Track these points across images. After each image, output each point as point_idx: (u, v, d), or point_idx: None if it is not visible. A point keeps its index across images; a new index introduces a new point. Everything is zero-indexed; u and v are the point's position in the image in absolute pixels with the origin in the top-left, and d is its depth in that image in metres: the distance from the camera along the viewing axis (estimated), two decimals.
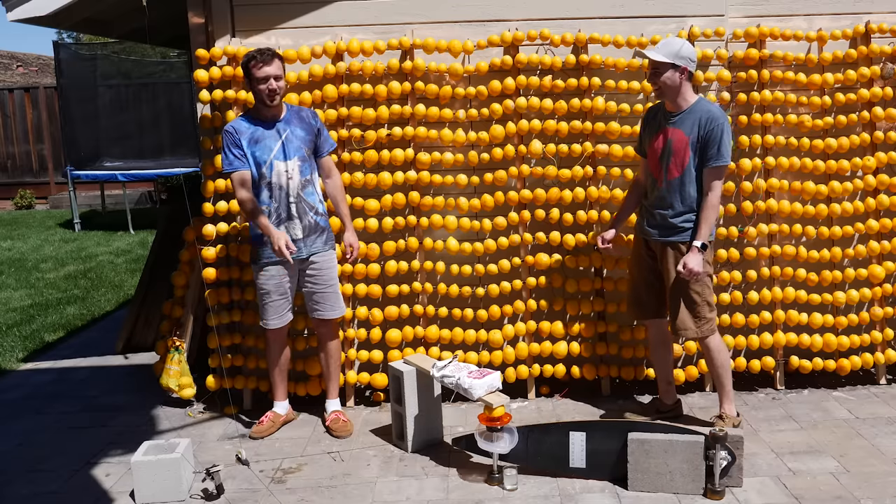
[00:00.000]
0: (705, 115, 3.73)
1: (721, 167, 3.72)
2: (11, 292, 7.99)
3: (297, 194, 3.98)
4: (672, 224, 3.81)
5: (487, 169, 4.43)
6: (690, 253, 3.73)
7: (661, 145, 3.84)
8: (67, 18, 4.94)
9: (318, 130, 4.09)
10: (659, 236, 3.87)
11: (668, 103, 3.84)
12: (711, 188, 3.72)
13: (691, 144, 3.74)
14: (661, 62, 3.71)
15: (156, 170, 12.15)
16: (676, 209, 3.80)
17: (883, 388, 4.51)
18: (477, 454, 3.72)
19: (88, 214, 13.37)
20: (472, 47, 4.39)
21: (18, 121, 15.45)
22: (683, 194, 3.78)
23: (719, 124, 3.69)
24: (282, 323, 4.10)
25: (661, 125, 3.86)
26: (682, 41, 3.79)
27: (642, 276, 4.04)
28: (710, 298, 3.86)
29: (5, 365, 5.61)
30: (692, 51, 3.78)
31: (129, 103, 13.45)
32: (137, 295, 5.69)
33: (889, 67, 4.46)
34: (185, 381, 4.46)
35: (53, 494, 3.63)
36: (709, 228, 3.73)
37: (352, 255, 4.15)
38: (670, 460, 3.37)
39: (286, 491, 3.56)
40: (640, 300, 4.08)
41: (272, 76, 3.87)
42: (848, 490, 3.36)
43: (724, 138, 3.69)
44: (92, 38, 17.37)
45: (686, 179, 3.77)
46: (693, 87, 3.92)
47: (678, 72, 3.73)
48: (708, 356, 3.94)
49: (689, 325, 3.84)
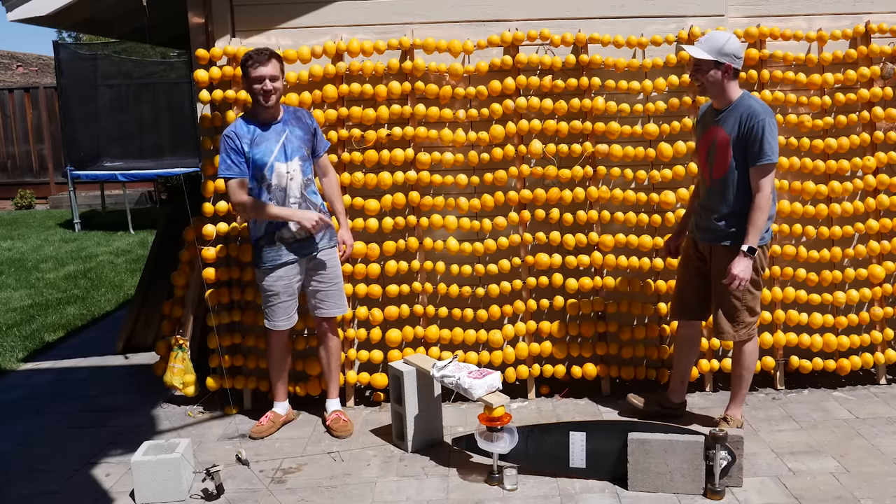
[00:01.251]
0: (746, 111, 3.61)
1: (766, 165, 3.56)
2: (11, 292, 7.99)
3: (300, 194, 3.97)
4: (717, 227, 3.73)
5: (487, 169, 4.43)
6: (737, 258, 3.61)
7: (706, 145, 3.77)
8: (67, 18, 4.94)
9: (315, 130, 4.09)
10: (705, 238, 3.81)
11: (714, 101, 3.76)
12: (759, 188, 3.58)
13: (732, 143, 3.62)
14: (704, 59, 3.60)
15: (156, 170, 12.15)
16: (721, 211, 3.71)
17: (883, 388, 4.51)
18: (477, 454, 3.72)
19: (88, 214, 13.37)
20: (472, 47, 4.39)
21: (18, 121, 15.45)
22: (727, 196, 3.68)
23: (760, 121, 3.55)
24: (290, 324, 4.11)
25: (708, 124, 3.79)
26: (727, 35, 3.65)
27: (688, 276, 3.98)
28: (752, 304, 3.75)
29: (5, 365, 5.61)
30: (738, 46, 3.64)
31: (129, 103, 13.46)
32: (137, 295, 5.69)
33: (889, 67, 4.46)
34: (188, 379, 4.46)
35: (53, 494, 3.63)
36: (757, 232, 3.58)
37: (345, 252, 4.17)
38: (670, 460, 3.37)
39: (286, 491, 3.56)
40: (684, 301, 4.01)
41: (267, 76, 3.83)
42: (848, 490, 3.36)
43: (766, 135, 3.54)
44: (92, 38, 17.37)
45: (729, 180, 3.66)
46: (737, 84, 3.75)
47: (720, 70, 3.61)
48: (738, 356, 3.89)
49: (727, 329, 3.79)
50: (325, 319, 4.16)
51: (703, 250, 3.88)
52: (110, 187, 13.84)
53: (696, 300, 3.96)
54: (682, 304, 4.03)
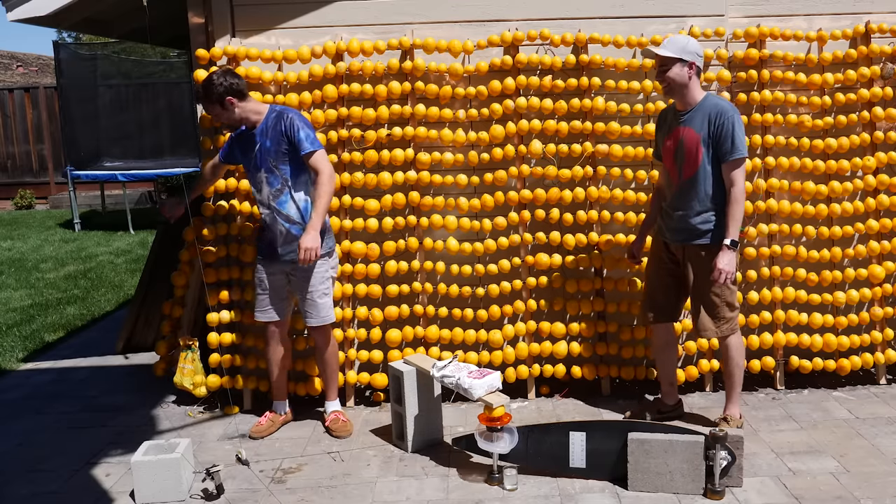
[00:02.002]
0: (714, 109, 3.68)
1: (738, 160, 3.65)
2: (11, 292, 7.99)
3: (268, 204, 4.00)
4: (691, 226, 3.76)
5: (487, 169, 4.43)
6: (721, 252, 3.65)
7: (673, 145, 3.80)
8: (67, 18, 4.94)
9: (289, 137, 3.87)
10: (679, 239, 3.83)
11: (678, 102, 3.81)
12: (733, 182, 3.65)
13: (703, 141, 3.69)
14: (668, 58, 3.68)
15: (156, 170, 12.15)
16: (694, 209, 3.74)
17: (883, 388, 4.51)
18: (477, 454, 3.72)
19: (88, 214, 13.37)
20: (472, 47, 4.39)
21: (18, 121, 15.46)
22: (700, 193, 3.72)
23: (729, 117, 3.64)
24: (265, 318, 4.12)
25: (673, 126, 3.83)
26: (687, 37, 3.78)
27: (660, 278, 4.00)
28: (731, 299, 3.80)
29: (5, 365, 5.61)
30: (699, 46, 3.75)
31: (129, 103, 13.46)
32: (137, 295, 5.69)
33: (889, 67, 4.46)
34: (198, 380, 4.45)
35: (53, 494, 3.63)
36: (736, 225, 3.65)
37: (301, 257, 3.79)
38: (670, 460, 3.36)
39: (286, 491, 3.56)
40: (655, 302, 4.03)
41: (211, 115, 4.02)
42: (848, 490, 3.36)
43: (736, 131, 3.64)
44: (92, 38, 17.38)
45: (701, 178, 3.71)
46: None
47: (686, 66, 3.69)
48: (725, 354, 3.90)
49: (709, 325, 3.81)
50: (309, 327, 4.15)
51: (675, 251, 3.90)
52: (110, 187, 13.84)
53: (667, 301, 3.99)
54: (653, 306, 4.04)
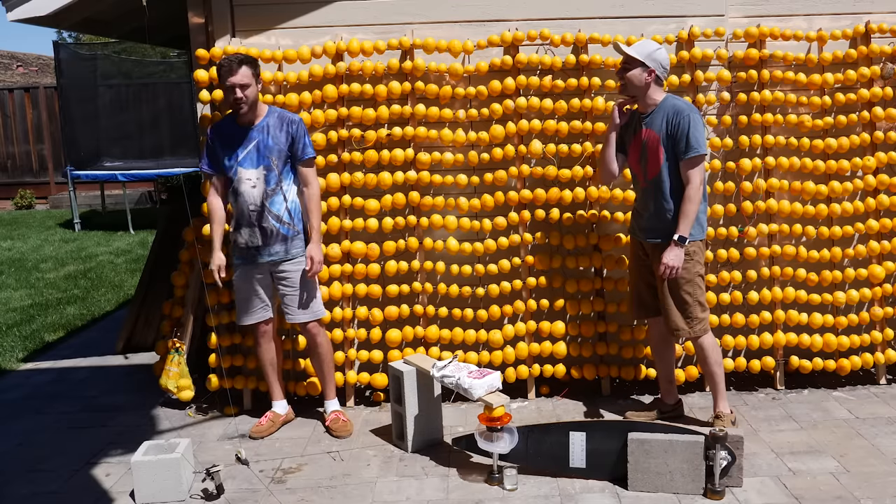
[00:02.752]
0: (671, 109, 3.76)
1: (694, 158, 3.70)
2: (11, 292, 7.99)
3: (260, 203, 3.94)
4: (658, 226, 3.82)
5: (487, 169, 4.43)
6: (668, 248, 3.72)
7: (638, 148, 3.88)
8: (67, 18, 4.94)
9: (294, 139, 3.95)
10: (646, 237, 3.90)
11: (639, 104, 3.88)
12: (688, 179, 3.72)
13: (662, 141, 3.76)
14: (633, 58, 3.76)
15: (156, 170, 12.15)
16: (660, 208, 3.80)
17: (883, 388, 4.51)
18: (477, 454, 3.72)
19: (88, 214, 13.37)
20: (472, 47, 4.39)
21: (18, 121, 15.46)
22: (664, 193, 3.78)
23: (685, 116, 3.70)
24: (252, 320, 4.11)
25: (637, 128, 3.90)
26: (658, 46, 3.85)
27: (641, 276, 4.04)
28: (701, 298, 3.85)
29: (5, 365, 5.61)
30: (666, 57, 3.83)
31: (129, 103, 13.46)
32: (137, 295, 5.69)
33: (889, 67, 4.46)
34: (183, 384, 4.45)
35: (53, 494, 3.63)
36: (688, 222, 3.70)
37: (311, 269, 3.98)
38: (670, 460, 3.36)
39: (286, 491, 3.56)
40: (641, 300, 4.08)
41: (237, 85, 3.82)
42: (848, 490, 3.36)
43: (692, 129, 3.69)
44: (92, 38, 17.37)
45: (663, 177, 3.78)
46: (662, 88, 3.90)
47: (646, 72, 3.76)
48: (701, 355, 3.94)
49: (681, 325, 3.84)
50: (297, 324, 4.15)
51: (647, 249, 3.95)
52: (110, 187, 13.85)
53: (651, 297, 4.02)
54: (640, 302, 4.09)
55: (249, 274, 4.05)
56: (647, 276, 4.01)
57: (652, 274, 3.97)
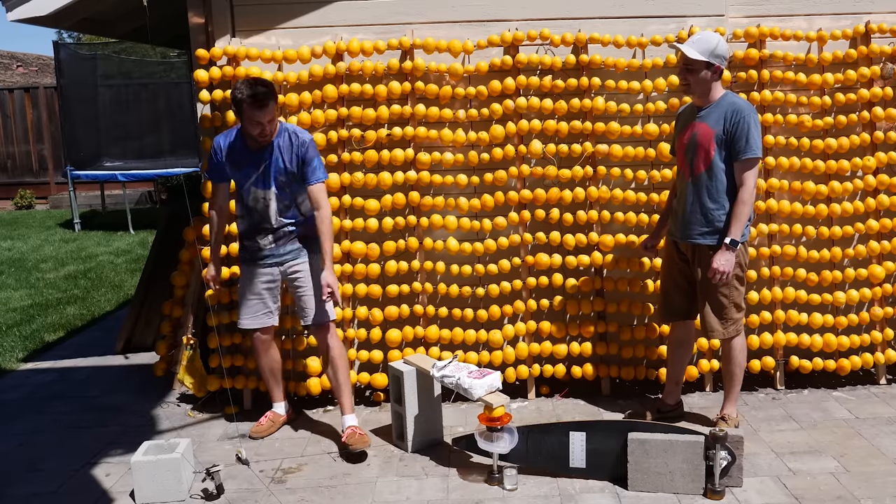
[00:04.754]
0: (731, 108, 3.66)
1: (751, 160, 3.62)
2: (11, 292, 7.99)
3: (274, 219, 3.90)
4: (700, 224, 3.73)
5: (487, 169, 4.43)
6: (719, 251, 3.64)
7: (686, 140, 3.79)
8: (67, 18, 4.94)
9: (303, 161, 3.83)
10: (687, 237, 3.81)
11: (696, 99, 3.80)
12: (743, 182, 3.63)
13: (716, 138, 3.66)
14: (696, 60, 3.65)
15: (156, 170, 12.15)
16: (703, 207, 3.71)
17: (883, 388, 4.51)
18: (477, 454, 3.72)
19: (88, 214, 13.37)
20: (472, 47, 4.39)
21: (18, 121, 15.46)
22: (710, 191, 3.69)
23: (745, 116, 3.62)
24: (255, 324, 4.05)
25: (689, 121, 3.82)
26: (718, 37, 3.70)
27: (672, 278, 3.99)
28: (738, 300, 3.80)
29: (5, 365, 5.61)
30: (726, 48, 3.72)
31: (129, 103, 13.46)
32: (137, 295, 5.69)
33: (889, 67, 4.46)
34: (188, 381, 4.44)
35: (53, 494, 3.63)
36: (740, 225, 3.63)
37: (330, 296, 3.81)
38: (670, 460, 3.36)
39: (286, 491, 3.56)
40: (670, 303, 4.02)
41: (266, 122, 3.71)
42: (848, 490, 3.36)
43: (752, 130, 3.61)
44: (92, 38, 17.38)
45: (712, 175, 3.68)
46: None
47: (710, 70, 3.67)
48: (728, 355, 3.90)
49: (717, 326, 3.80)
50: (311, 327, 4.07)
51: (684, 250, 3.88)
52: (110, 187, 13.84)
53: (682, 300, 3.97)
54: (669, 305, 4.04)
55: (251, 272, 4.02)
56: (678, 278, 3.94)
57: (682, 275, 3.91)
